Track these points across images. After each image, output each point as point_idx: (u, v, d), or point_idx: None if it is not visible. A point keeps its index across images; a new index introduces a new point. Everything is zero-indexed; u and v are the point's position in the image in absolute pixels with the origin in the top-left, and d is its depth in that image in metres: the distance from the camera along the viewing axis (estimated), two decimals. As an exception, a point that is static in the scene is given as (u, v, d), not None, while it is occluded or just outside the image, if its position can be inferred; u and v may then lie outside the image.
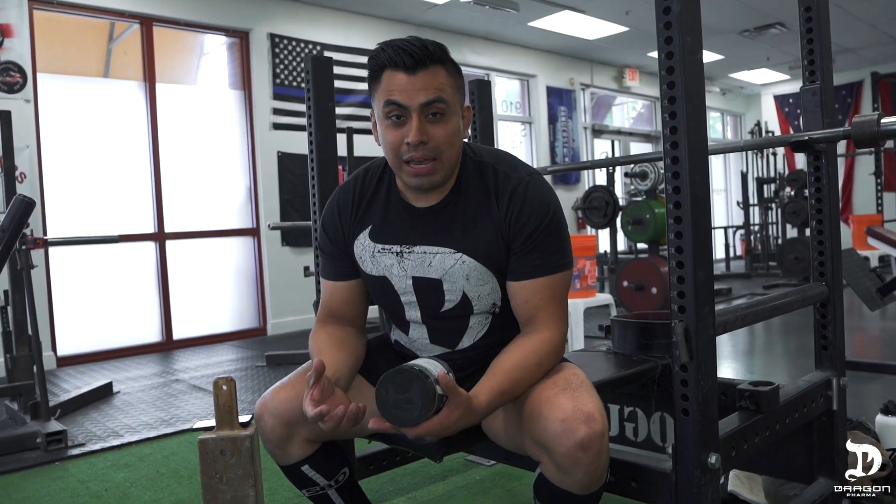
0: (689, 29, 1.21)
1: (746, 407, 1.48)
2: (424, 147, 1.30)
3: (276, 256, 6.25)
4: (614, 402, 2.07)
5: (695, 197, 1.23)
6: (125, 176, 5.55)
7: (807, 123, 1.77)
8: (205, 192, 6.00)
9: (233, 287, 6.19)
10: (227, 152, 6.18)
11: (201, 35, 6.15)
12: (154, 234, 5.65)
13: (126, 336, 5.48)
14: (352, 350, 1.44)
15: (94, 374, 4.64)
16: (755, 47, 9.22)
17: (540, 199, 1.35)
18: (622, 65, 9.94)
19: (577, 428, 1.17)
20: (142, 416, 3.44)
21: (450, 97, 1.31)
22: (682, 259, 1.24)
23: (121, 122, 5.54)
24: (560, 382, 1.28)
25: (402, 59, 1.28)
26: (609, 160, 5.43)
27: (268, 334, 6.21)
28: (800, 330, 4.87)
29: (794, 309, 1.66)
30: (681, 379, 1.26)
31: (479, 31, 7.89)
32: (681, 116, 1.22)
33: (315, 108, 2.04)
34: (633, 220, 6.09)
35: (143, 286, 5.63)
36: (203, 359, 5.08)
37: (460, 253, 1.37)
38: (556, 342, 1.34)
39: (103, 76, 5.58)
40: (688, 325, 1.24)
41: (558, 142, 9.13)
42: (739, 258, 11.21)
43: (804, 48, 1.79)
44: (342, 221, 1.47)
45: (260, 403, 1.44)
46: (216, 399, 1.60)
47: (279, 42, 6.32)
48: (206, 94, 6.11)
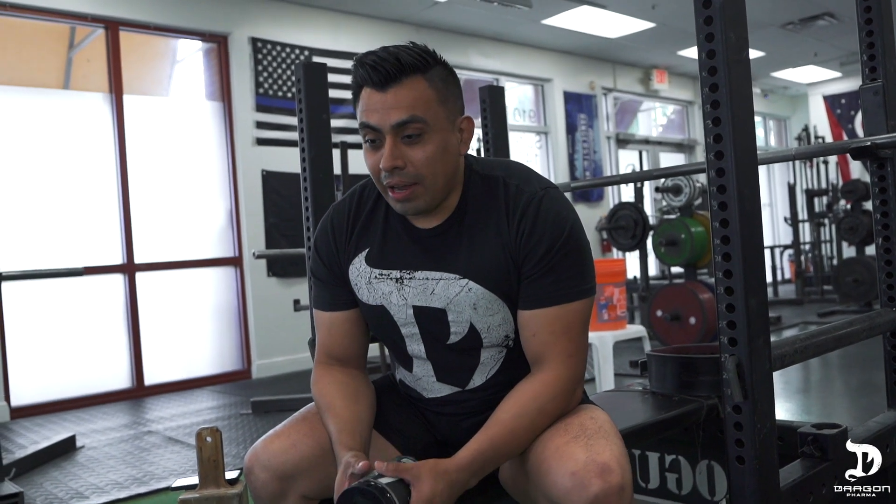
0: (733, 24, 1.22)
1: (810, 454, 1.47)
2: (401, 172, 1.31)
3: (261, 289, 6.26)
4: (654, 450, 2.05)
5: (744, 213, 1.23)
6: (89, 200, 5.58)
7: (868, 127, 1.78)
8: (180, 217, 6.03)
9: (212, 324, 6.19)
10: (204, 171, 6.22)
11: (174, 40, 6.22)
12: (122, 266, 5.67)
13: (90, 382, 5.47)
14: (367, 402, 1.44)
15: (54, 427, 4.62)
16: (800, 42, 9.28)
17: (555, 214, 1.34)
18: (649, 65, 10.00)
19: (590, 482, 1.15)
20: (110, 475, 3.41)
21: (431, 113, 1.31)
22: (732, 284, 1.24)
23: (84, 139, 5.59)
24: (573, 429, 1.26)
25: (371, 76, 1.29)
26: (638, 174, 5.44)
27: (253, 377, 6.20)
28: (863, 363, 4.84)
29: (860, 339, 1.65)
30: (734, 422, 1.25)
31: (487, 30, 7.97)
32: (726, 123, 1.23)
33: (308, 120, 2.06)
34: (666, 240, 6.09)
35: (110, 325, 5.63)
36: (179, 407, 5.06)
37: (466, 279, 1.37)
38: (563, 384, 1.32)
39: (63, 87, 5.64)
40: (740, 359, 1.23)
41: (578, 154, 9.17)
42: (789, 282, 11.18)
43: (863, 41, 1.80)
44: (337, 243, 1.48)
45: (250, 455, 1.43)
46: (199, 453, 1.59)
47: (262, 47, 6.39)
48: (181, 106, 6.16)
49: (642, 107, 10.82)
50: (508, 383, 1.39)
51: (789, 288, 10.41)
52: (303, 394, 4.67)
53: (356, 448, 1.28)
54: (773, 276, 10.01)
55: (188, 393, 5.64)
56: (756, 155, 1.27)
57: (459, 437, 1.40)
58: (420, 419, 1.53)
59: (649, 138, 10.57)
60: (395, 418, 1.52)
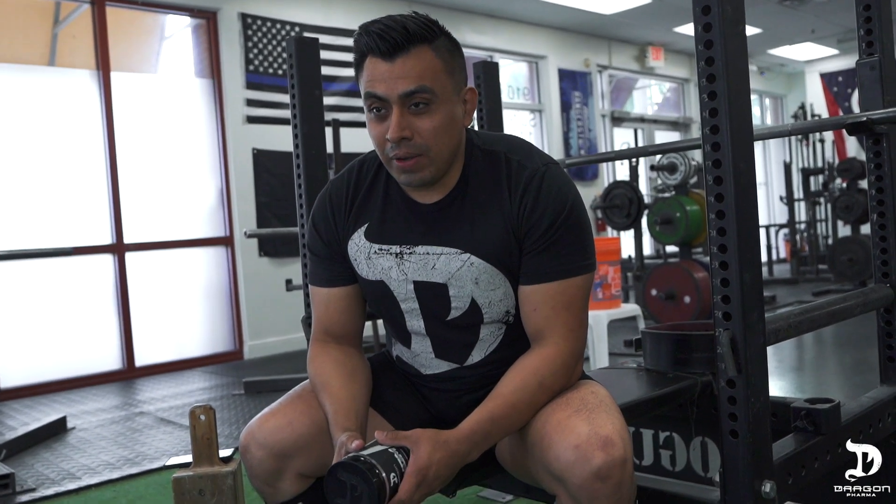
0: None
1: (803, 427, 1.49)
2: (408, 143, 1.31)
3: (253, 269, 6.27)
4: (648, 427, 2.07)
5: (739, 187, 1.24)
6: (77, 179, 5.57)
7: (865, 102, 1.79)
8: (169, 197, 6.01)
9: (203, 305, 6.20)
10: (194, 150, 6.20)
11: (162, 16, 6.18)
12: (112, 246, 5.66)
13: (81, 363, 5.48)
14: (363, 380, 1.45)
15: (45, 409, 4.64)
16: (798, 18, 9.26)
17: (557, 190, 1.35)
18: (644, 42, 9.98)
19: (593, 455, 1.17)
20: (102, 455, 3.43)
21: (438, 83, 1.31)
22: (727, 259, 1.25)
23: (70, 117, 5.56)
24: (574, 403, 1.28)
25: (378, 44, 1.29)
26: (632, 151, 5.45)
27: (245, 358, 6.22)
28: (856, 341, 4.88)
29: (854, 315, 1.67)
30: (728, 396, 1.27)
31: (481, 6, 7.93)
32: (721, 97, 1.23)
33: (300, 97, 2.05)
34: (661, 219, 6.11)
35: (100, 305, 5.63)
36: (171, 388, 5.08)
37: (468, 253, 1.38)
38: (564, 359, 1.34)
39: (48, 64, 5.60)
40: (734, 333, 1.25)
41: (573, 132, 9.17)
42: (784, 261, 11.24)
43: (860, 16, 1.80)
44: (335, 218, 1.48)
45: (246, 433, 1.44)
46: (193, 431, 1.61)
47: (252, 23, 6.35)
48: (169, 83, 6.13)
49: (637, 84, 10.80)
50: (507, 360, 1.40)
51: (784, 267, 10.47)
52: (296, 374, 4.69)
53: (352, 428, 1.29)
54: (769, 255, 10.05)
55: (179, 374, 5.65)
56: (752, 128, 1.28)
57: (457, 413, 1.41)
58: (416, 396, 1.55)
59: (645, 116, 10.56)
60: (390, 395, 1.54)
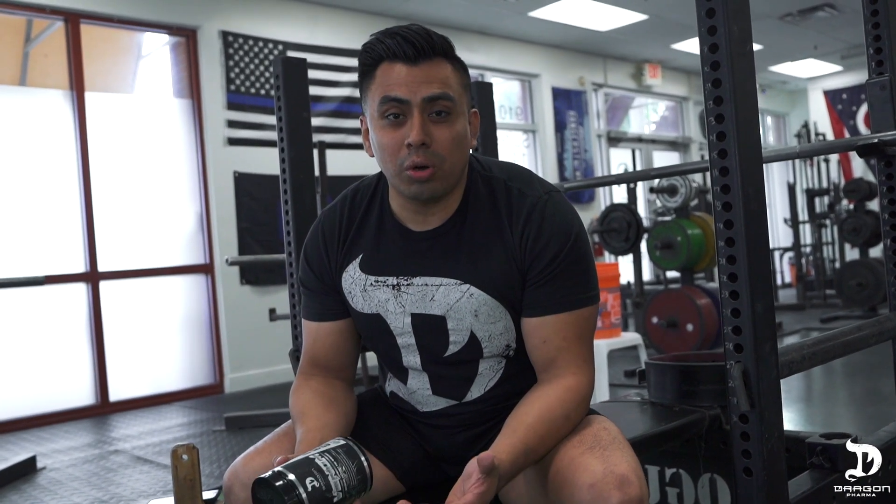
0: (736, 15, 1.24)
1: (819, 465, 1.48)
2: (426, 151, 1.31)
3: (234, 298, 6.24)
4: (653, 463, 2.06)
5: (749, 213, 1.25)
6: (49, 204, 5.54)
7: (875, 123, 1.81)
8: (146, 222, 5.99)
9: (182, 336, 6.16)
10: (172, 173, 6.19)
11: (139, 34, 6.19)
12: (85, 274, 5.63)
13: (51, 398, 5.42)
14: (342, 410, 1.43)
15: (13, 448, 4.58)
16: (800, 34, 9.37)
17: (561, 219, 1.36)
18: (641, 59, 10.07)
19: (610, 494, 1.17)
20: (74, 497, 3.39)
21: (457, 95, 1.34)
22: (737, 288, 1.26)
23: (42, 139, 5.55)
24: (587, 440, 1.28)
25: (403, 48, 1.30)
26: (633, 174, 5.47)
27: (225, 392, 6.17)
28: (867, 371, 4.89)
29: (869, 345, 1.67)
30: (741, 431, 1.27)
31: (472, 23, 8.00)
32: (729, 120, 1.25)
33: (288, 119, 2.06)
34: (661, 243, 6.13)
35: (72, 337, 5.58)
36: (147, 424, 5.03)
37: (467, 284, 1.38)
38: (584, 391, 1.35)
39: (19, 84, 5.60)
40: (746, 366, 1.25)
41: (567, 153, 9.21)
42: (789, 286, 11.27)
43: (869, 34, 1.82)
44: (328, 252, 1.48)
45: (230, 474, 1.43)
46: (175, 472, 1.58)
47: (233, 41, 6.37)
48: (146, 104, 6.13)
49: (634, 103, 10.88)
50: (506, 395, 1.40)
51: (790, 292, 10.49)
52: (280, 408, 4.65)
53: None
54: (773, 280, 10.08)
55: (156, 409, 5.60)
56: (761, 152, 1.29)
57: (454, 450, 1.40)
58: (410, 433, 1.54)
59: (642, 136, 10.62)
60: (380, 432, 1.53)
